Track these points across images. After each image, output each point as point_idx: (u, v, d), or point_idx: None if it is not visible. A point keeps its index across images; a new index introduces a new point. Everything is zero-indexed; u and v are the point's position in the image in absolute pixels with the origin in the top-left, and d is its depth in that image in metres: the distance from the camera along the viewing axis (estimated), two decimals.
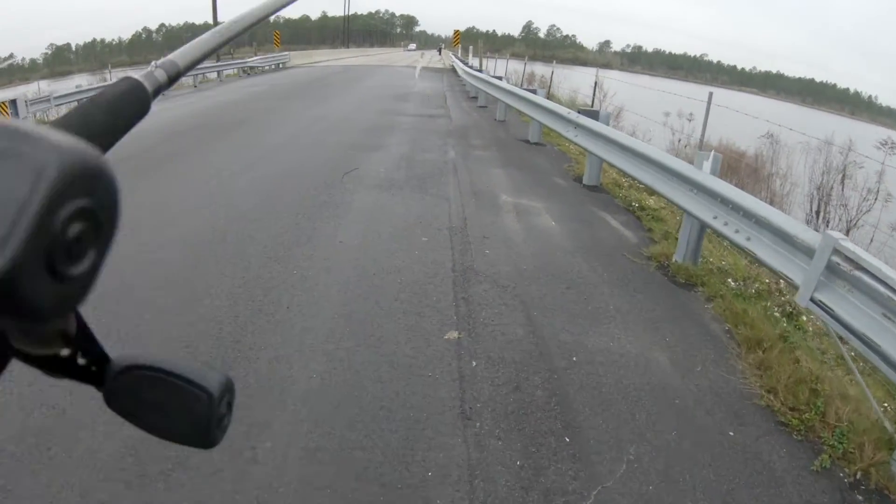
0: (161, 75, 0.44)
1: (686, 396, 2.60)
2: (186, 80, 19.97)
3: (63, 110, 12.71)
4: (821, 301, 2.83)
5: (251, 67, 24.20)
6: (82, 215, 0.23)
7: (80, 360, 0.35)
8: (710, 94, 5.32)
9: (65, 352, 0.34)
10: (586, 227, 4.69)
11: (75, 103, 13.23)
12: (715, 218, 3.54)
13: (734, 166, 10.22)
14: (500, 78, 10.62)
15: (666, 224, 5.05)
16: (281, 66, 27.51)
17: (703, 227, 3.87)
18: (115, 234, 0.26)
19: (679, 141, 10.21)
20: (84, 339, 0.35)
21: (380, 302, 3.04)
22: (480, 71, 13.37)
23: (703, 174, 3.71)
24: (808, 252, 2.90)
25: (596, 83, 11.60)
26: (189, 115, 10.81)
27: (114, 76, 19.72)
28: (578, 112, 5.99)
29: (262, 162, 6.38)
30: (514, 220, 4.68)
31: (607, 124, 5.90)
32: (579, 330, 2.95)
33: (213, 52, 0.50)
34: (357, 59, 39.50)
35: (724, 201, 3.45)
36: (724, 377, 2.81)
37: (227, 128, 8.87)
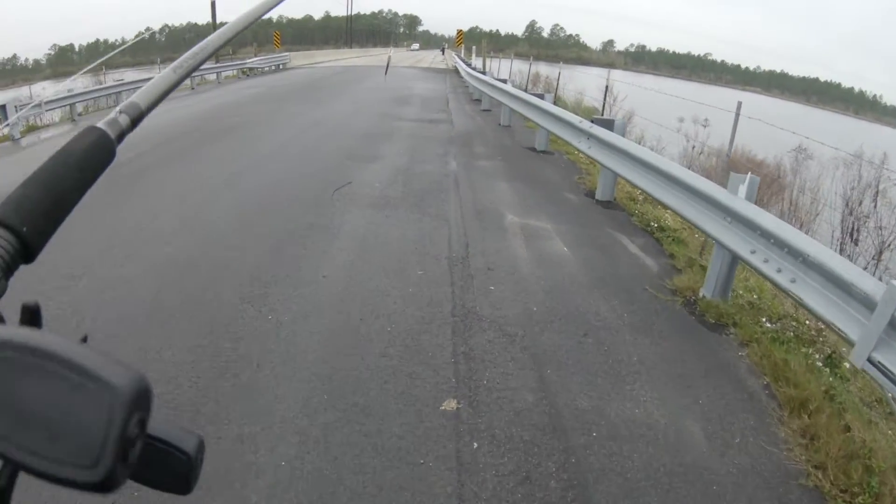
0: (124, 120, 0.45)
1: (725, 480, 2.18)
2: (185, 82, 19.55)
3: (56, 114, 12.36)
4: (880, 363, 2.41)
5: (250, 69, 23.81)
6: (140, 424, 0.29)
7: None
8: (739, 104, 4.88)
9: None
10: (602, 253, 4.27)
11: (67, 108, 12.91)
12: (753, 253, 3.10)
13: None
14: (504, 81, 10.15)
15: (688, 248, 4.63)
16: (281, 66, 27.15)
17: (736, 259, 3.45)
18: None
19: (693, 148, 9.73)
20: None
21: (365, 358, 2.62)
22: (484, 73, 12.88)
23: (740, 201, 3.28)
24: (867, 303, 2.48)
25: (607, 87, 11.01)
26: (181, 119, 10.44)
27: (111, 78, 19.36)
28: (592, 121, 5.55)
29: (249, 174, 5.98)
30: (522, 245, 4.26)
31: (623, 135, 5.47)
32: (599, 393, 2.52)
33: (175, 87, 0.50)
34: (359, 59, 39.06)
35: (765, 234, 3.01)
36: (765, 450, 2.39)
37: (218, 134, 8.47)
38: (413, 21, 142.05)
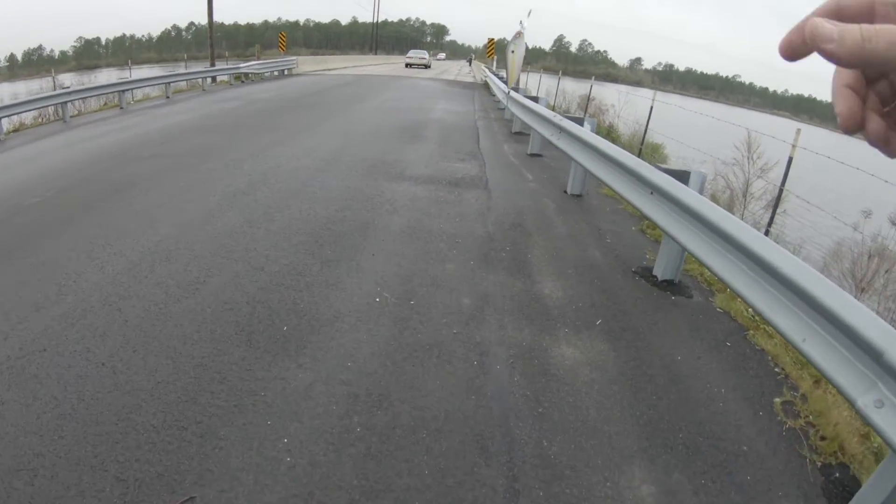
0: None
1: None
2: (160, 89, 16.03)
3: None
4: None
5: (246, 74, 20.26)
6: None
7: None
8: None
9: None
10: None
11: (60, 106, 9.45)
12: None
13: None
14: (580, 120, 6.07)
15: None
16: (286, 72, 23.58)
17: None
18: None
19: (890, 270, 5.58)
20: None
21: None
22: (536, 100, 8.79)
23: None
24: None
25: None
26: (87, 157, 6.76)
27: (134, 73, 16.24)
28: None
29: None
30: None
31: None
32: None
33: None
34: (377, 67, 35.41)
35: None
36: None
37: (54, 225, 4.68)
38: (440, 30, 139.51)
